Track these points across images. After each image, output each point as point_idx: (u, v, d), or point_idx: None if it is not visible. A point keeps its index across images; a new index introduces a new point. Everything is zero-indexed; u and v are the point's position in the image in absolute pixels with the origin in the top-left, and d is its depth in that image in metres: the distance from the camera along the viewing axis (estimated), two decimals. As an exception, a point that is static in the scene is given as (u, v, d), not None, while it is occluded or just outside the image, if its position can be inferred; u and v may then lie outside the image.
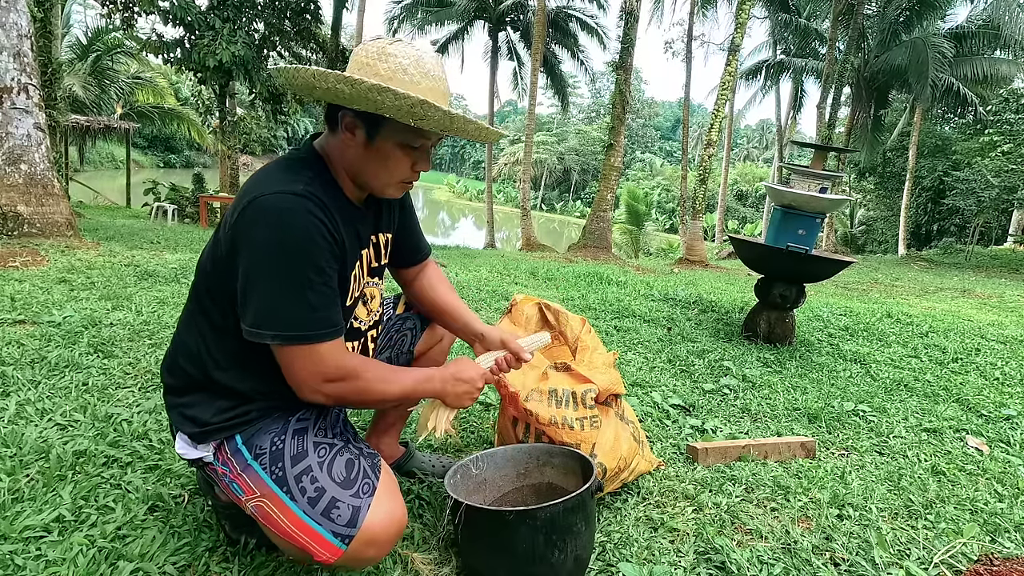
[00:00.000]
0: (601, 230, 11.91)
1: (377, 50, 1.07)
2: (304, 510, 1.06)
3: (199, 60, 10.86)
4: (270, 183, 1.06)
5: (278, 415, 1.16)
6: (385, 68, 1.05)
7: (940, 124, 21.47)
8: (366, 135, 1.10)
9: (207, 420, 1.13)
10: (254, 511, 1.11)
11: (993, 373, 3.49)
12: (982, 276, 12.66)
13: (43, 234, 4.85)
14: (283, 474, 1.09)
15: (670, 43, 25.68)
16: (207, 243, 1.18)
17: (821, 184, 3.58)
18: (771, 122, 53.50)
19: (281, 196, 1.03)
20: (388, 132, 1.09)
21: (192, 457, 1.16)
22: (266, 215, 1.02)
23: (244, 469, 1.11)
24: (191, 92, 18.51)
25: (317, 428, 1.17)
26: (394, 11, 21.85)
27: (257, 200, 1.03)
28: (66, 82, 14.35)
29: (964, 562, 1.50)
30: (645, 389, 2.63)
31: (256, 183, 1.09)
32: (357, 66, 1.08)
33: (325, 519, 1.05)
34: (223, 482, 1.15)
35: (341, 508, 1.06)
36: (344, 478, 1.10)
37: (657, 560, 1.40)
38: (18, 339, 2.39)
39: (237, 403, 1.14)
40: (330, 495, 1.07)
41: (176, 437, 1.19)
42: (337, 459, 1.12)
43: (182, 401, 1.17)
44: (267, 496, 1.08)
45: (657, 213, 37.05)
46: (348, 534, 1.05)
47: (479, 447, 1.92)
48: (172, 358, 1.20)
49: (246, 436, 1.13)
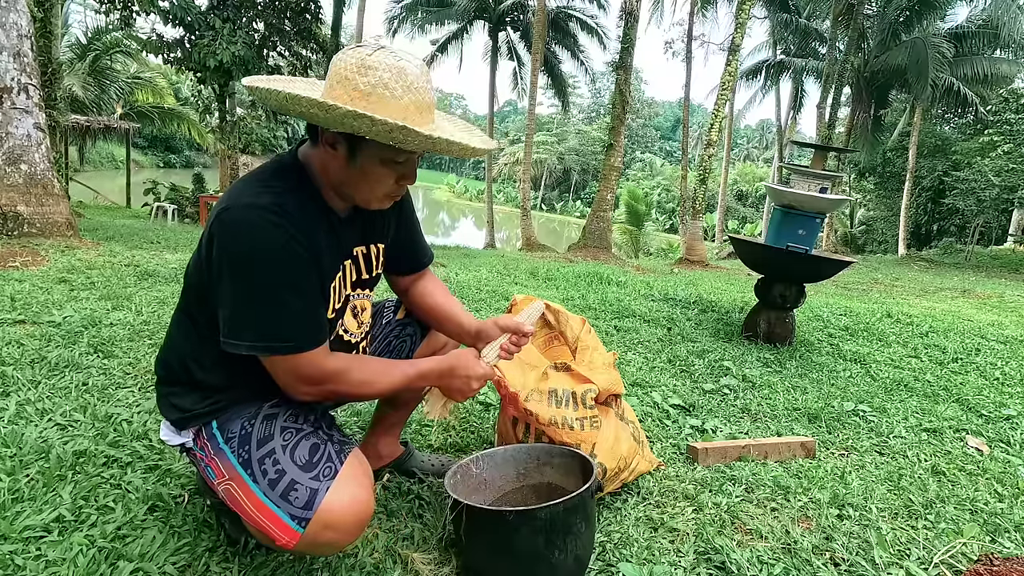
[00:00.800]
0: (601, 230, 11.91)
1: (357, 62, 1.02)
2: (264, 492, 1.07)
3: (199, 60, 10.87)
4: (240, 195, 1.06)
5: (252, 401, 1.19)
6: (365, 83, 1.01)
7: (940, 124, 21.48)
8: (347, 152, 1.08)
9: (188, 407, 1.18)
10: (223, 495, 1.12)
11: (993, 373, 3.49)
12: (982, 276, 12.66)
13: (43, 234, 4.85)
14: (248, 456, 1.10)
15: (670, 43, 25.71)
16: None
17: (821, 184, 3.58)
18: (771, 122, 53.52)
19: (247, 209, 1.03)
20: (369, 151, 1.07)
21: (176, 443, 1.22)
22: (232, 229, 1.03)
23: (216, 453, 1.14)
24: (191, 92, 18.50)
25: (288, 414, 1.17)
26: (394, 11, 21.85)
27: (224, 213, 1.04)
28: (66, 82, 14.36)
29: (964, 562, 1.50)
30: (645, 389, 2.63)
31: (230, 193, 1.09)
32: (337, 79, 1.03)
33: (283, 501, 1.05)
34: (200, 467, 1.19)
35: (299, 490, 1.06)
36: (306, 461, 1.09)
37: (657, 560, 1.41)
38: (18, 339, 2.39)
39: (216, 394, 1.19)
40: (289, 477, 1.07)
41: (162, 424, 1.24)
42: (302, 443, 1.12)
43: (170, 390, 1.21)
44: (233, 479, 1.10)
45: (657, 213, 37.05)
46: (304, 516, 1.04)
47: (479, 447, 1.92)
48: (164, 351, 1.24)
49: (221, 421, 1.17)
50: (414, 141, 1.01)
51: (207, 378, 1.18)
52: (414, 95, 1.04)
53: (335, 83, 1.03)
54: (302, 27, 12.58)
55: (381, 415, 1.67)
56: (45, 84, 8.24)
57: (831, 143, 14.78)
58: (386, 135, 0.99)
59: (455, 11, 21.22)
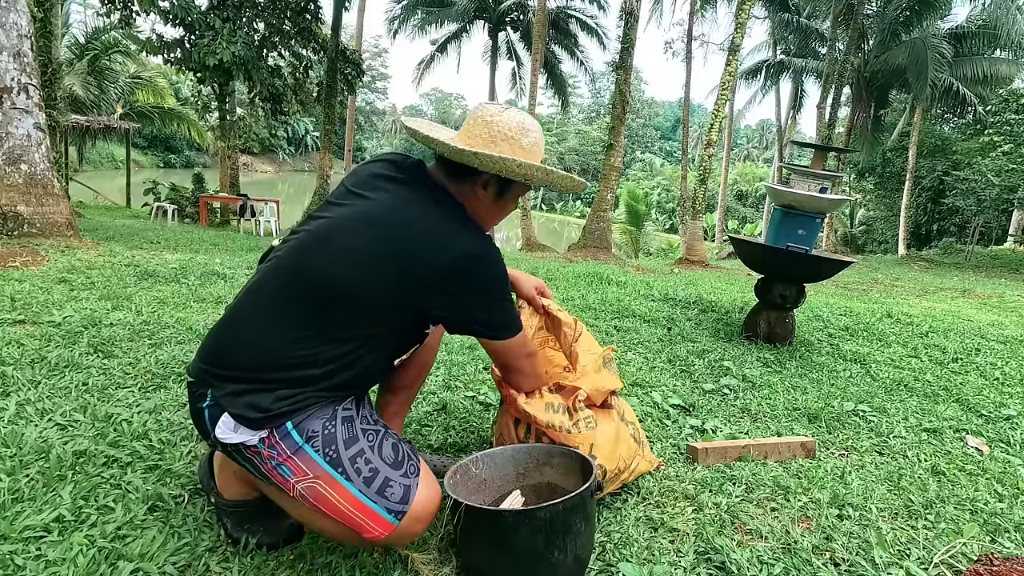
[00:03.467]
0: (601, 230, 11.91)
1: (519, 126, 1.32)
2: (360, 489, 1.16)
3: (199, 60, 10.87)
4: (463, 231, 1.26)
5: (326, 403, 1.22)
6: (528, 143, 1.32)
7: (940, 124, 21.47)
8: (497, 191, 1.33)
9: (267, 406, 1.16)
10: (304, 492, 1.16)
11: (993, 373, 3.49)
12: (982, 276, 12.66)
13: (43, 234, 4.85)
14: (337, 456, 1.17)
15: (670, 43, 25.73)
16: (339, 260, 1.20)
17: (821, 184, 3.57)
18: (771, 122, 53.50)
19: (488, 246, 1.27)
20: (513, 190, 1.36)
21: (234, 441, 1.17)
22: (486, 261, 1.26)
23: (295, 452, 1.17)
24: (191, 92, 18.51)
25: (361, 416, 1.26)
26: (394, 11, 21.87)
27: (471, 252, 1.24)
28: (66, 82, 14.36)
29: (964, 562, 1.50)
30: (645, 389, 2.63)
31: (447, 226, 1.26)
32: (501, 137, 1.30)
33: (380, 497, 1.17)
34: (268, 465, 1.17)
35: (394, 487, 1.18)
36: (393, 460, 1.21)
37: (657, 560, 1.40)
38: (18, 339, 2.39)
39: (297, 391, 1.18)
40: (384, 475, 1.19)
41: (219, 422, 1.18)
42: (384, 443, 1.23)
43: (238, 388, 1.18)
44: (320, 477, 1.16)
45: (657, 213, 37.01)
46: (401, 510, 1.17)
47: (479, 447, 1.92)
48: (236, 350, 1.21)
49: (296, 421, 1.18)
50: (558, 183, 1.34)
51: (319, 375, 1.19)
52: (542, 141, 1.37)
53: (500, 139, 1.30)
54: (302, 27, 12.58)
55: (382, 406, 1.66)
56: (45, 84, 8.24)
57: (831, 143, 14.78)
58: (532, 178, 1.29)
59: (455, 11, 21.24)
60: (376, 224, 1.23)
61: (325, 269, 1.20)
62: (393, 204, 1.25)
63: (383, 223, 1.22)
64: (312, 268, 1.21)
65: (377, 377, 1.42)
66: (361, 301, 1.20)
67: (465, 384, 2.49)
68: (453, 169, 1.31)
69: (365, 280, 1.19)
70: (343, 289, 1.19)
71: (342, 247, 1.21)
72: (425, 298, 1.23)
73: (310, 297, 1.20)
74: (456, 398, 2.33)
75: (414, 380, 1.66)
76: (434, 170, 1.34)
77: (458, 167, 1.30)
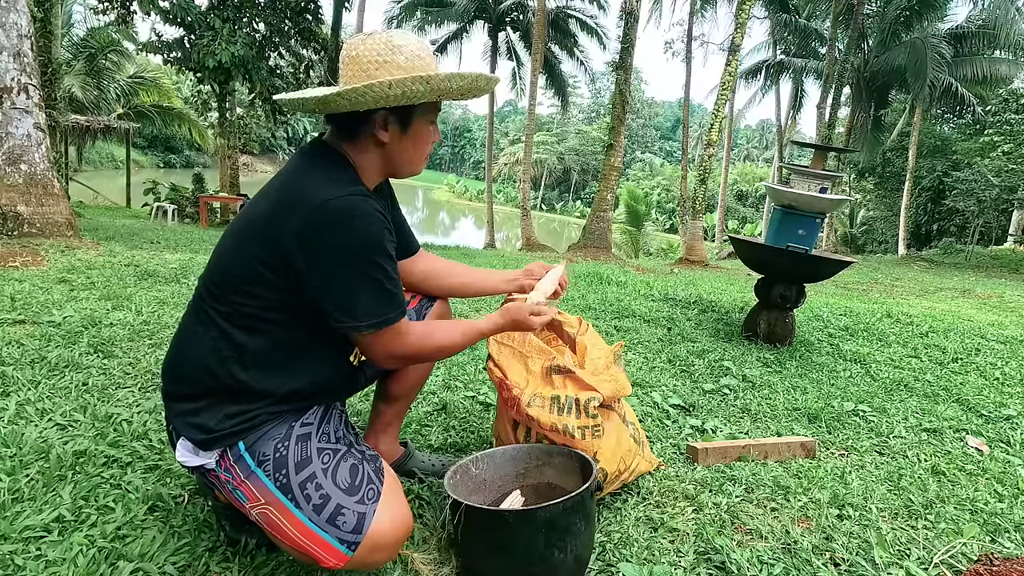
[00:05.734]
0: (601, 230, 11.91)
1: (385, 46, 1.14)
2: (310, 517, 1.07)
3: (199, 60, 10.86)
4: (329, 186, 1.10)
5: (282, 420, 1.16)
6: (403, 59, 1.14)
7: (940, 124, 21.47)
8: (400, 124, 1.19)
9: (212, 427, 1.12)
10: (259, 518, 1.10)
11: (993, 373, 3.49)
12: (982, 276, 12.65)
13: (43, 234, 4.85)
14: (287, 481, 1.09)
15: (670, 43, 25.72)
16: (225, 245, 1.18)
17: (821, 184, 3.57)
18: (771, 122, 53.50)
19: (350, 199, 1.09)
20: (419, 114, 1.20)
21: (193, 464, 1.15)
22: (342, 216, 1.08)
23: (248, 476, 1.11)
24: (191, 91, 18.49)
25: (320, 433, 1.17)
26: (394, 11, 21.86)
27: (328, 203, 1.08)
28: (66, 82, 14.35)
29: (964, 562, 1.50)
30: (645, 389, 2.63)
31: (310, 186, 1.12)
32: (374, 65, 1.13)
33: (331, 526, 1.07)
34: (226, 489, 1.14)
35: (346, 515, 1.07)
36: (348, 484, 1.11)
37: (657, 560, 1.40)
38: (18, 339, 2.39)
39: (244, 407, 1.13)
40: (335, 502, 1.08)
41: (178, 445, 1.17)
42: (341, 465, 1.13)
43: (187, 408, 1.15)
44: (272, 504, 1.09)
45: (657, 213, 37.05)
46: (354, 540, 1.07)
47: (479, 447, 1.92)
48: (176, 365, 1.18)
49: (249, 442, 1.12)
50: (455, 85, 1.15)
51: (244, 376, 1.13)
52: (430, 54, 1.20)
53: (373, 69, 1.13)
54: (302, 27, 12.58)
55: (378, 414, 1.65)
56: (45, 84, 8.25)
57: (831, 143, 14.78)
58: (446, 89, 1.14)
59: (455, 11, 21.22)
60: (256, 203, 1.19)
61: (215, 260, 1.19)
62: (278, 179, 1.20)
63: (259, 196, 1.20)
64: (211, 263, 1.20)
65: (337, 381, 1.29)
66: (244, 279, 1.12)
67: (465, 384, 2.49)
68: (340, 125, 1.19)
69: (240, 259, 1.14)
70: (229, 271, 1.14)
71: (229, 232, 1.20)
72: (292, 264, 1.10)
73: (210, 292, 1.17)
74: (456, 398, 2.33)
75: (410, 389, 1.62)
76: (329, 136, 1.23)
77: (343, 121, 1.18)
